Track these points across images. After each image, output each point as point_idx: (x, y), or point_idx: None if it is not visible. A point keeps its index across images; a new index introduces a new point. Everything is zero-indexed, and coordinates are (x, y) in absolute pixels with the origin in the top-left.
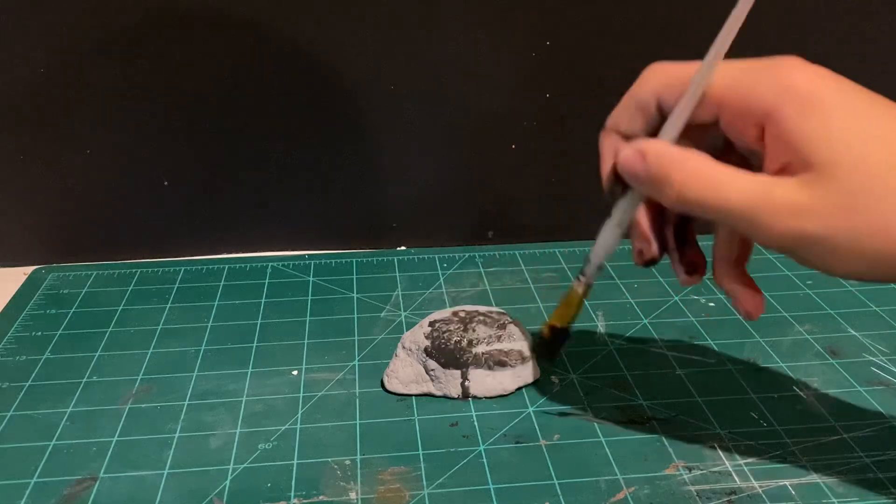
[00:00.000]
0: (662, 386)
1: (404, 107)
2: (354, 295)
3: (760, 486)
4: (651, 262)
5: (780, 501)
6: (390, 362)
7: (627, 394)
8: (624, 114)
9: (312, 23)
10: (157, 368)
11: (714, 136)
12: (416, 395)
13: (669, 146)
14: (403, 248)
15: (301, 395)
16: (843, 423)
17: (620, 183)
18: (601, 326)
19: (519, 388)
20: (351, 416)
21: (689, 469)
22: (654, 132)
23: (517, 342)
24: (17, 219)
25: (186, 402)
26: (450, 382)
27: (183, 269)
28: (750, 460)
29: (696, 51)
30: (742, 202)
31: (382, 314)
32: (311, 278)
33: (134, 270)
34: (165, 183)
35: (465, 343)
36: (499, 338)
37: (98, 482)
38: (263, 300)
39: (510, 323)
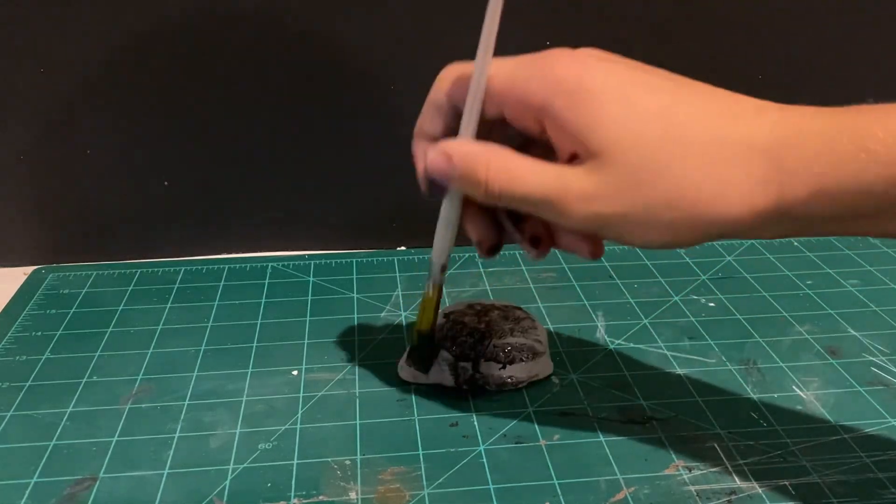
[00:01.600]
0: (662, 386)
1: (404, 106)
2: (354, 295)
3: (760, 486)
4: (493, 250)
5: (780, 501)
6: (406, 352)
7: (627, 394)
8: (426, 117)
9: (312, 24)
10: (157, 368)
11: (515, 128)
12: (427, 385)
13: (471, 143)
14: (403, 248)
15: (301, 395)
16: (843, 423)
17: (437, 184)
18: (601, 326)
19: (531, 382)
20: (351, 416)
21: (689, 469)
22: (455, 132)
23: (530, 337)
24: (17, 219)
25: (186, 402)
26: (461, 374)
27: (183, 269)
28: (750, 460)
29: (696, 49)
30: (541, 192)
31: (382, 314)
32: (311, 278)
33: (134, 270)
34: (165, 183)
35: (477, 336)
36: (512, 332)
37: (98, 482)
38: (263, 300)
39: (524, 318)
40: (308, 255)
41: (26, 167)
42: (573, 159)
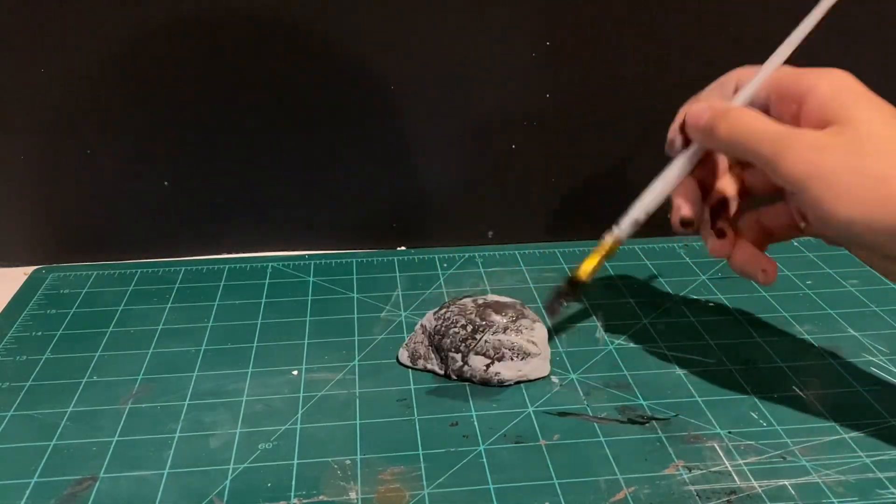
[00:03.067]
0: (662, 386)
1: (404, 107)
2: (354, 295)
3: (760, 486)
4: (687, 223)
5: (780, 501)
6: (409, 336)
7: (627, 394)
8: (709, 91)
9: (313, 25)
10: (157, 368)
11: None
12: (420, 371)
13: (731, 103)
14: (403, 248)
15: (301, 395)
16: (843, 423)
17: (683, 137)
18: (601, 326)
19: (519, 383)
20: (351, 416)
21: (689, 469)
22: None
23: (523, 337)
24: (17, 219)
25: (186, 402)
26: (450, 364)
27: (183, 269)
28: (750, 460)
29: (693, 49)
30: (773, 134)
31: (382, 314)
32: (311, 278)
33: (134, 270)
34: (166, 183)
35: (469, 329)
36: (505, 329)
37: (98, 482)
38: (263, 300)
39: (524, 318)
40: (308, 255)
41: (27, 167)
42: None
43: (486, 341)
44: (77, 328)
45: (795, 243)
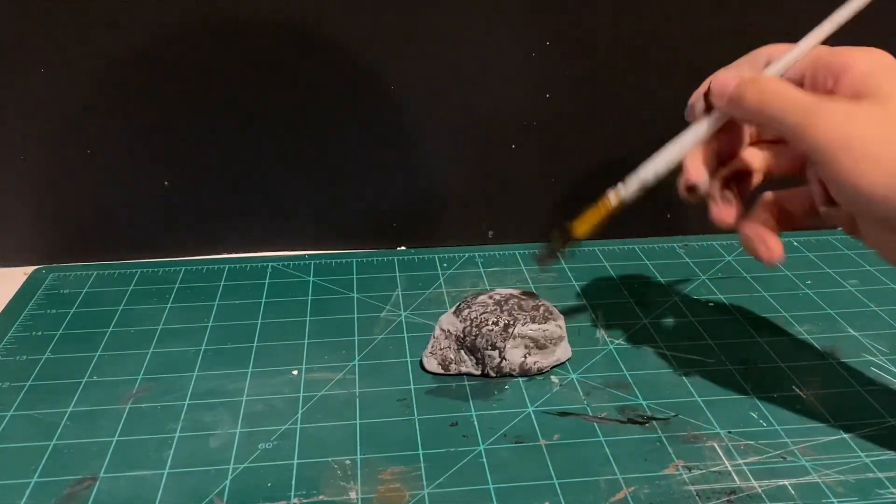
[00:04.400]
0: (662, 386)
1: (404, 107)
2: (354, 295)
3: (760, 486)
4: (693, 189)
5: (779, 501)
6: (429, 343)
7: (627, 394)
8: (735, 64)
9: (312, 26)
10: (157, 368)
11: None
12: (454, 375)
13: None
14: (403, 248)
15: (301, 395)
16: (843, 423)
17: (705, 103)
18: (601, 326)
19: (553, 367)
20: (351, 416)
21: (689, 469)
22: None
23: (551, 323)
24: (17, 219)
25: (186, 402)
26: (488, 363)
27: (183, 269)
28: (750, 460)
29: (694, 50)
30: (803, 102)
31: (382, 314)
32: (311, 278)
33: (134, 270)
34: (166, 183)
35: (502, 324)
36: (534, 319)
37: (98, 482)
38: (263, 300)
39: (541, 305)
40: (308, 255)
41: (27, 167)
42: None
43: (519, 333)
44: (77, 328)
45: (795, 242)
